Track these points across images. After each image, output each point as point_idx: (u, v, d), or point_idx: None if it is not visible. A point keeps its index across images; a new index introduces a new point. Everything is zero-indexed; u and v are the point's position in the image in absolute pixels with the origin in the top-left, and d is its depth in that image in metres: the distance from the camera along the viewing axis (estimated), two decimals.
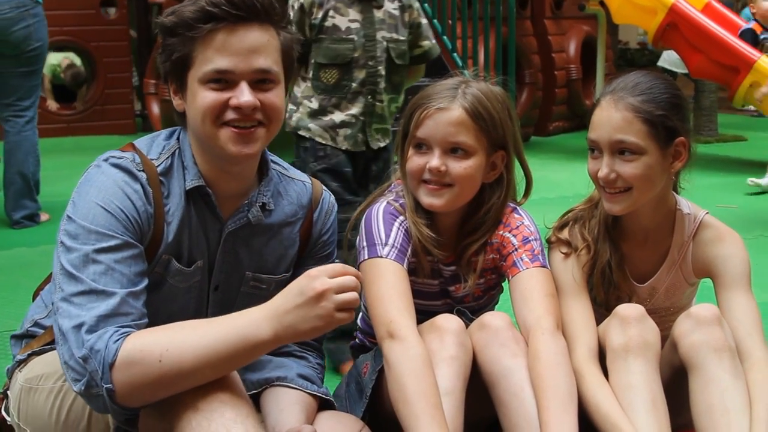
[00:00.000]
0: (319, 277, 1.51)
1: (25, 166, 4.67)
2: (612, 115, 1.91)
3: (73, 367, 1.50)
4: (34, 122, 4.72)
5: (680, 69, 7.85)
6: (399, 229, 1.95)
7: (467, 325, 1.90)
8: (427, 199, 1.94)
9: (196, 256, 1.73)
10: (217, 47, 1.62)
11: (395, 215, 1.97)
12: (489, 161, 1.96)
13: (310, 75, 2.82)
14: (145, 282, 1.61)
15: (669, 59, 8.17)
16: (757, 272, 2.05)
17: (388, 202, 1.99)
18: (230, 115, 1.64)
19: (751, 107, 7.15)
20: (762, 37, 5.87)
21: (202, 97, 1.64)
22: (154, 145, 1.74)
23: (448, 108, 1.91)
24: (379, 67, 2.79)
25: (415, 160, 1.94)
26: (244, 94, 1.63)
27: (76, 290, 1.53)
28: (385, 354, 1.79)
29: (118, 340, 1.49)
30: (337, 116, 2.78)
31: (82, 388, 1.50)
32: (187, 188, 1.69)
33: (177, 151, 1.72)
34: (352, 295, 1.52)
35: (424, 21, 2.95)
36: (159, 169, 1.68)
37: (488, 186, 2.00)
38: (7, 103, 4.64)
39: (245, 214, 1.75)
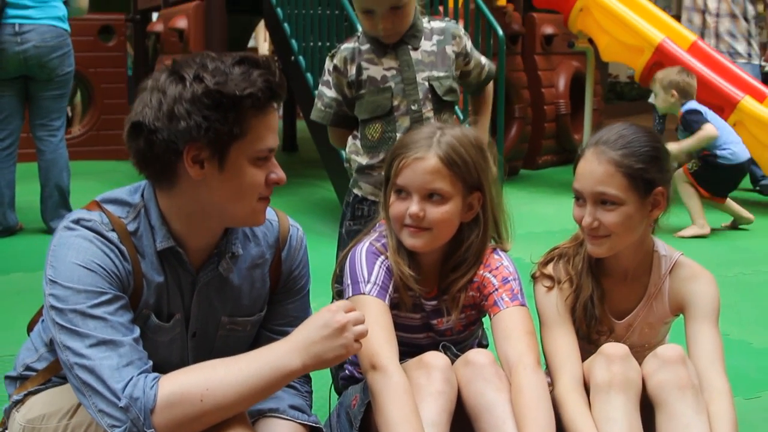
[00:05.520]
0: (339, 311, 1.69)
1: (61, 180, 5.14)
2: (595, 168, 2.03)
3: (111, 415, 1.57)
4: (64, 140, 5.23)
5: None
6: (381, 267, 2.06)
7: (453, 361, 2.00)
8: (410, 241, 2.05)
9: (174, 310, 1.79)
10: (268, 126, 1.70)
11: (377, 254, 2.09)
12: (466, 203, 2.07)
13: (359, 134, 2.71)
14: (138, 329, 1.68)
15: None
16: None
17: (370, 243, 2.11)
18: (267, 191, 1.75)
19: None
20: None
21: (253, 174, 1.70)
22: (119, 201, 1.75)
23: (424, 157, 2.02)
24: (424, 110, 2.62)
25: (396, 206, 2.06)
26: (280, 170, 1.75)
27: (84, 344, 1.60)
28: (369, 385, 1.88)
29: (153, 386, 1.58)
30: None
31: None
32: (159, 249, 1.73)
33: (143, 210, 1.74)
34: (365, 327, 1.72)
35: (470, 46, 2.76)
36: (129, 228, 1.72)
37: (466, 225, 2.11)
38: (41, 124, 5.11)
39: (216, 266, 1.80)
